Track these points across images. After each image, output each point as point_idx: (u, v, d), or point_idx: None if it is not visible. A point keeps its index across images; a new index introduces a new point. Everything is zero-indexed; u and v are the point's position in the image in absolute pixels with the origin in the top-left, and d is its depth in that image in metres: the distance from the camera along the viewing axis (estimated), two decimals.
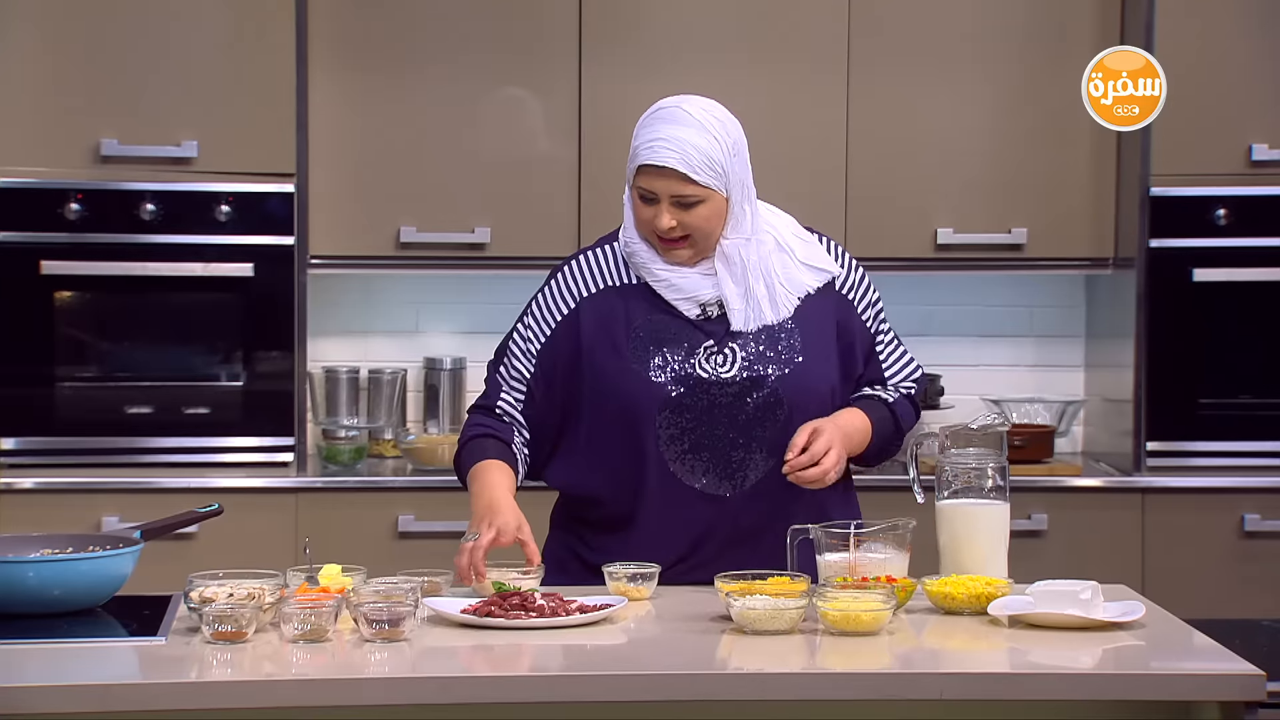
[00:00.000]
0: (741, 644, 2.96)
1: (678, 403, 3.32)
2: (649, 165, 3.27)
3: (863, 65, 5.10)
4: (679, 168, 3.26)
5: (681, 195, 3.27)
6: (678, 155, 3.26)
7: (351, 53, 5.04)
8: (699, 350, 3.34)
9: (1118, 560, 4.90)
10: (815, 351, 3.38)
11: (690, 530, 3.35)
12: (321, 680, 2.76)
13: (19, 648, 2.89)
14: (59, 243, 4.88)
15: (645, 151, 3.28)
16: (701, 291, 3.35)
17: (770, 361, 3.35)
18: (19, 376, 4.88)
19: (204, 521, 3.42)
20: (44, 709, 2.69)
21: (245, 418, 4.93)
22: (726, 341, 3.35)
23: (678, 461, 3.33)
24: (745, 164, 3.36)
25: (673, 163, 3.25)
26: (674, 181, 3.27)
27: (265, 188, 4.93)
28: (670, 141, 3.26)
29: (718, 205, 3.30)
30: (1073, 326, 5.51)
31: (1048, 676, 2.84)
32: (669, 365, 3.33)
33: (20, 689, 2.70)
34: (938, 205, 5.15)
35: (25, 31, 4.84)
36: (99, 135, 4.88)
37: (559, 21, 5.05)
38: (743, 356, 3.34)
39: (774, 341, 3.36)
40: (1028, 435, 5.10)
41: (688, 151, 3.26)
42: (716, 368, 3.34)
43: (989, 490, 3.31)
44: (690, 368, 3.33)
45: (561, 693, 2.77)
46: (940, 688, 2.80)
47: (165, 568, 3.42)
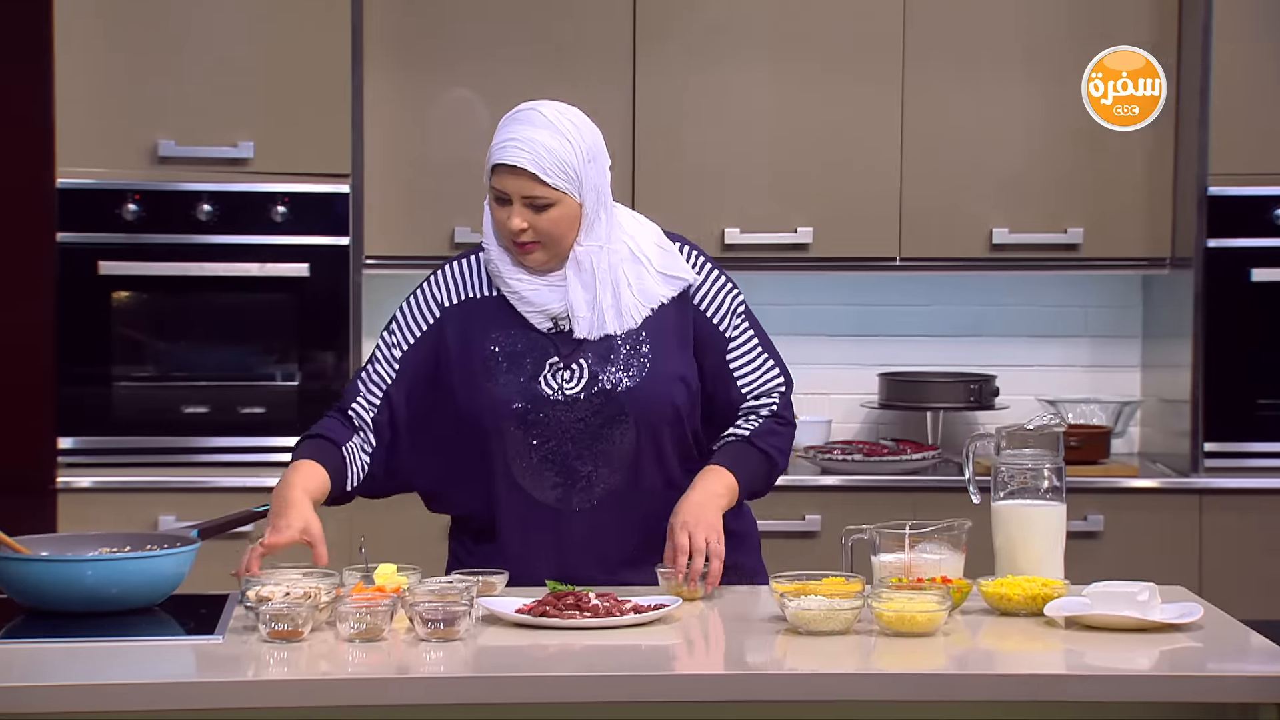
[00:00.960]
0: (796, 645, 2.95)
1: (523, 418, 3.31)
2: (501, 164, 3.27)
3: (917, 64, 5.09)
4: (529, 168, 3.25)
5: (533, 197, 3.26)
6: (529, 155, 3.25)
7: (406, 53, 5.05)
8: (545, 366, 3.32)
9: (1174, 561, 4.88)
10: (665, 363, 3.34)
11: (551, 543, 3.34)
12: (377, 679, 2.77)
13: (77, 646, 2.91)
14: (117, 243, 4.91)
15: (498, 151, 3.28)
16: (551, 304, 3.33)
17: (617, 375, 3.32)
18: (77, 376, 4.91)
19: (259, 521, 3.43)
20: (102, 707, 2.70)
21: (300, 417, 4.95)
22: (575, 356, 3.33)
23: (526, 476, 3.33)
24: (602, 171, 3.33)
25: (523, 163, 3.25)
26: (525, 182, 3.26)
27: (321, 188, 4.95)
28: (523, 142, 3.26)
29: (570, 210, 3.29)
30: (1129, 327, 5.48)
31: (1104, 678, 2.82)
32: (517, 380, 3.32)
33: (78, 687, 2.72)
34: (992, 205, 5.14)
35: (84, 35, 4.88)
36: (156, 136, 4.91)
37: (613, 20, 5.06)
38: (589, 371, 3.32)
39: (622, 355, 3.33)
40: (1083, 436, 5.08)
41: (539, 153, 3.25)
42: (562, 383, 3.32)
43: (1045, 491, 3.29)
44: (537, 383, 3.32)
45: (616, 693, 2.77)
46: (996, 689, 2.79)
47: (221, 567, 3.43)
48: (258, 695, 2.74)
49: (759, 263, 5.15)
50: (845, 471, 5.04)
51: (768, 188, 5.13)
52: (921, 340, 5.46)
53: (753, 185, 5.12)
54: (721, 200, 5.13)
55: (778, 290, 5.43)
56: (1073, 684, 2.82)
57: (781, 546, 4.84)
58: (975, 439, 3.45)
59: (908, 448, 5.16)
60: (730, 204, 5.12)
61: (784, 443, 3.43)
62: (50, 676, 2.76)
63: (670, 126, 5.11)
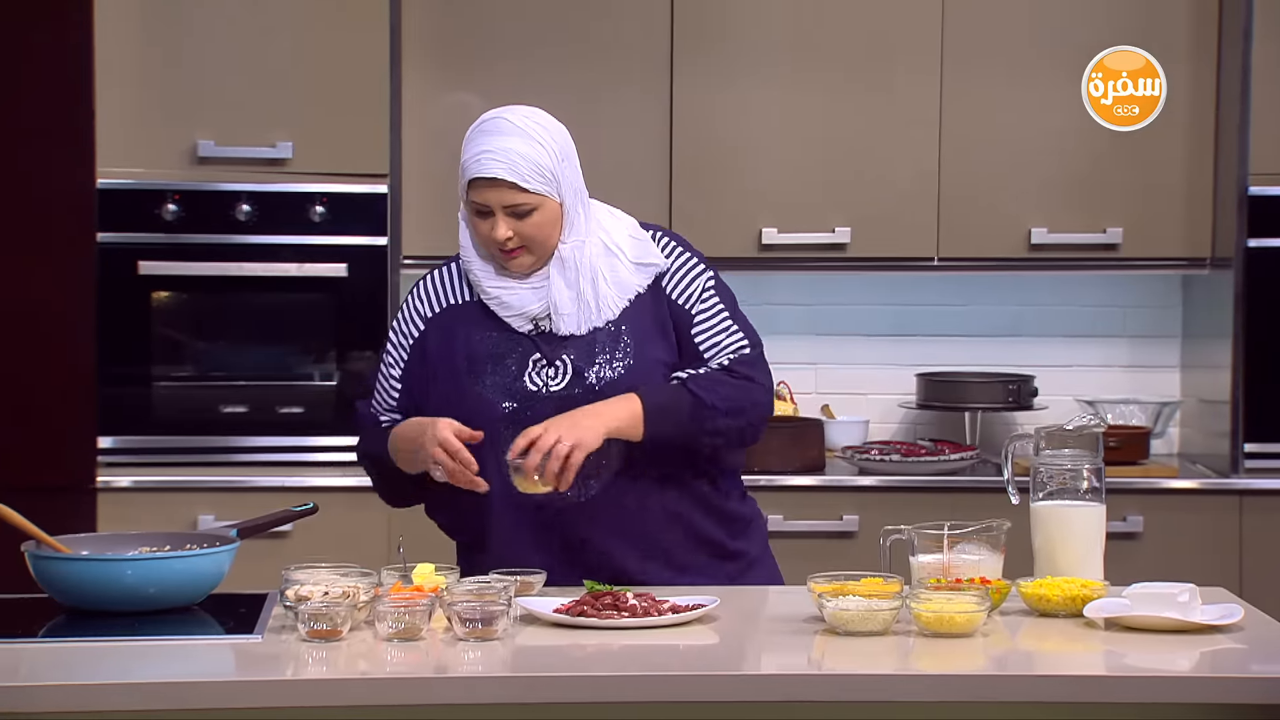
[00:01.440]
0: (834, 645, 2.95)
1: (512, 418, 3.30)
2: (479, 179, 3.26)
3: (955, 65, 5.08)
4: (508, 177, 3.25)
5: (514, 205, 3.26)
6: (505, 165, 3.25)
7: (444, 54, 5.06)
8: (529, 364, 3.32)
9: (1215, 562, 4.86)
10: (644, 354, 3.34)
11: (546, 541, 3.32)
12: (415, 679, 2.78)
13: (117, 645, 2.92)
14: (156, 243, 4.93)
15: (473, 165, 3.27)
16: (530, 306, 3.33)
17: (600, 369, 3.32)
18: (117, 376, 4.93)
19: (299, 520, 3.44)
20: (141, 706, 2.71)
21: (339, 417, 4.96)
22: (558, 353, 3.33)
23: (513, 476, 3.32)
24: (575, 168, 3.35)
25: (501, 173, 3.25)
26: (505, 191, 3.26)
27: (359, 188, 4.96)
28: (497, 153, 3.25)
29: (551, 211, 3.30)
30: (1168, 327, 5.46)
31: (1144, 680, 2.81)
32: (502, 381, 3.32)
33: (118, 686, 2.73)
34: (1031, 205, 5.12)
35: (123, 35, 4.89)
36: (195, 137, 4.93)
37: (652, 26, 5.06)
38: (573, 366, 3.32)
39: (604, 349, 3.33)
40: (1123, 436, 5.06)
41: (515, 161, 3.25)
42: (547, 380, 3.32)
43: (1084, 492, 3.28)
44: (522, 382, 3.32)
45: (653, 693, 2.77)
46: (1035, 690, 2.78)
47: (260, 566, 3.44)
48: (296, 694, 2.75)
49: (796, 263, 5.15)
50: (883, 472, 5.03)
51: (805, 188, 5.13)
52: (959, 340, 5.45)
53: (790, 185, 5.11)
54: (759, 200, 5.12)
55: (815, 290, 5.43)
56: (1113, 685, 2.81)
57: (819, 547, 4.84)
58: (1014, 439, 3.44)
59: (946, 448, 5.15)
60: (768, 204, 5.12)
61: (730, 391, 3.32)
62: (90, 675, 2.77)
63: (708, 126, 5.10)
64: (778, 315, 5.40)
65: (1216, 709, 2.81)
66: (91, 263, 4.89)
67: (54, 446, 4.87)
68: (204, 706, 2.72)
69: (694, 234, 5.05)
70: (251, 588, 3.25)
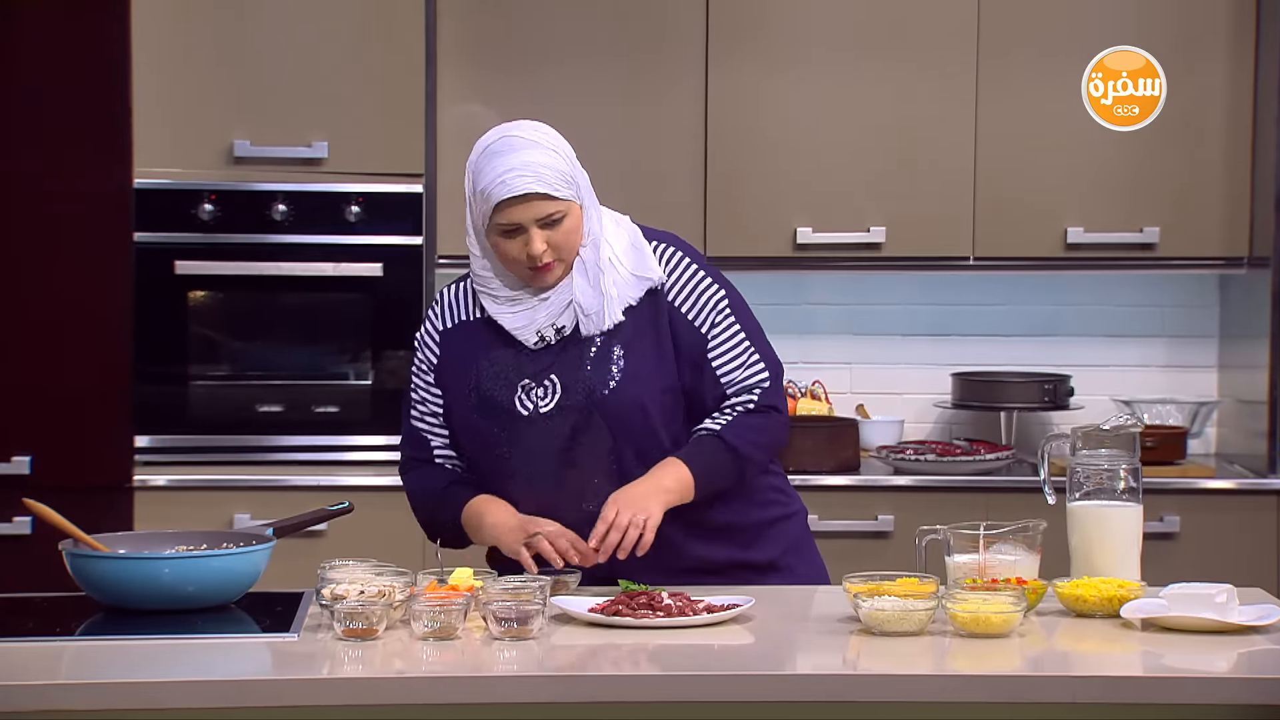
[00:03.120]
0: (870, 645, 2.94)
1: (509, 439, 3.31)
2: (510, 199, 3.23)
3: (992, 62, 5.07)
4: (539, 189, 3.22)
5: (547, 215, 3.24)
6: (534, 178, 3.23)
7: (480, 53, 5.07)
8: (518, 387, 3.32)
9: (1253, 563, 4.84)
10: (636, 367, 3.31)
11: None
12: (451, 678, 2.78)
13: (154, 643, 2.93)
14: (193, 243, 4.94)
15: (500, 187, 3.23)
16: (538, 319, 3.32)
17: (589, 388, 3.30)
18: (154, 375, 4.95)
19: (334, 520, 3.45)
20: (178, 704, 2.72)
21: (374, 416, 4.97)
22: (547, 373, 3.31)
23: (520, 495, 3.32)
24: (581, 168, 3.34)
25: (533, 186, 3.22)
26: (537, 204, 3.24)
27: (394, 188, 4.97)
28: (521, 169, 3.23)
29: (576, 216, 3.28)
30: (1206, 327, 5.44)
31: (1182, 680, 2.80)
32: (497, 404, 3.32)
33: (155, 684, 2.74)
34: (1067, 204, 5.10)
35: (160, 36, 4.91)
36: (231, 137, 4.94)
37: (687, 22, 5.05)
38: (561, 387, 3.30)
39: (593, 366, 3.31)
40: (1160, 436, 5.04)
41: (540, 171, 3.23)
42: (536, 401, 3.31)
43: (1121, 492, 3.27)
44: (513, 404, 3.31)
45: (688, 693, 2.77)
46: (1072, 691, 2.77)
47: (296, 565, 3.45)
48: (332, 693, 2.75)
49: (831, 262, 5.14)
50: (918, 471, 5.02)
51: (840, 187, 5.12)
52: (995, 340, 5.43)
53: (825, 184, 5.11)
54: (794, 199, 5.12)
55: (850, 290, 5.42)
56: (1150, 686, 2.79)
57: (855, 547, 4.83)
58: (1050, 439, 3.43)
59: (981, 448, 5.14)
60: (803, 203, 5.11)
61: (762, 436, 3.34)
62: (127, 673, 2.78)
63: (743, 126, 5.10)
64: (813, 315, 5.40)
65: (1255, 710, 2.80)
66: (128, 262, 4.91)
67: (91, 446, 4.89)
68: (240, 705, 2.73)
69: (729, 233, 5.08)
70: (287, 586, 3.26)
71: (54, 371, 4.88)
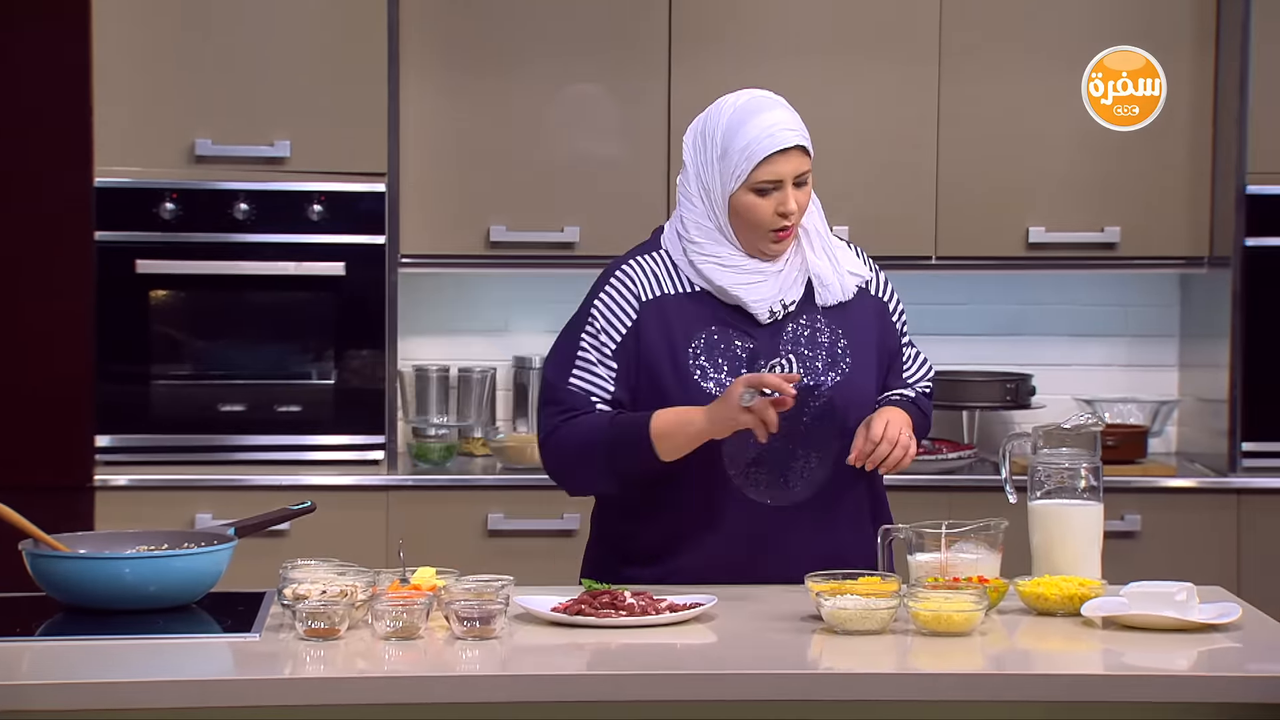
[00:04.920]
0: (832, 644, 2.95)
1: None
2: (776, 152, 3.26)
3: (954, 62, 5.08)
4: (803, 143, 3.30)
5: (803, 173, 3.30)
6: (797, 133, 3.30)
7: (442, 52, 5.06)
8: (755, 362, 3.30)
9: (1213, 561, 4.86)
10: (861, 357, 3.36)
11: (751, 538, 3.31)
12: (413, 677, 2.78)
13: (116, 643, 2.93)
14: (154, 242, 4.92)
15: (767, 141, 3.27)
16: (771, 294, 3.32)
17: (824, 370, 3.33)
18: (115, 374, 4.93)
19: (297, 519, 3.44)
20: (139, 704, 2.71)
21: (337, 416, 4.96)
22: (783, 354, 3.32)
23: (741, 475, 3.30)
24: None
25: (798, 140, 3.29)
26: (797, 159, 3.29)
27: (357, 187, 4.96)
28: (784, 123, 3.29)
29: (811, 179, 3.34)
30: (1167, 326, 5.46)
31: (1142, 678, 2.81)
32: (722, 379, 3.29)
33: (116, 684, 2.73)
34: (1030, 204, 5.12)
35: (121, 34, 4.89)
36: (193, 135, 4.92)
37: (650, 22, 5.06)
38: (798, 367, 3.32)
39: (824, 349, 3.34)
40: (1121, 435, 5.06)
41: (800, 128, 3.31)
42: None
43: (1082, 490, 3.28)
44: None
45: (651, 692, 2.77)
46: (1033, 689, 2.78)
47: (258, 564, 3.44)
48: (294, 693, 2.75)
49: None
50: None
51: None
52: (958, 339, 5.44)
53: None
54: None
55: None
56: (1111, 684, 2.81)
57: None
58: (1012, 438, 3.44)
59: (944, 447, 5.15)
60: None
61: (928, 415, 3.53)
62: (88, 673, 2.77)
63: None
64: None
65: (1214, 708, 2.81)
66: (89, 261, 4.89)
67: (52, 445, 4.87)
68: (202, 705, 2.72)
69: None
70: (249, 586, 3.26)
71: (15, 371, 4.86)
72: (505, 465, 5.09)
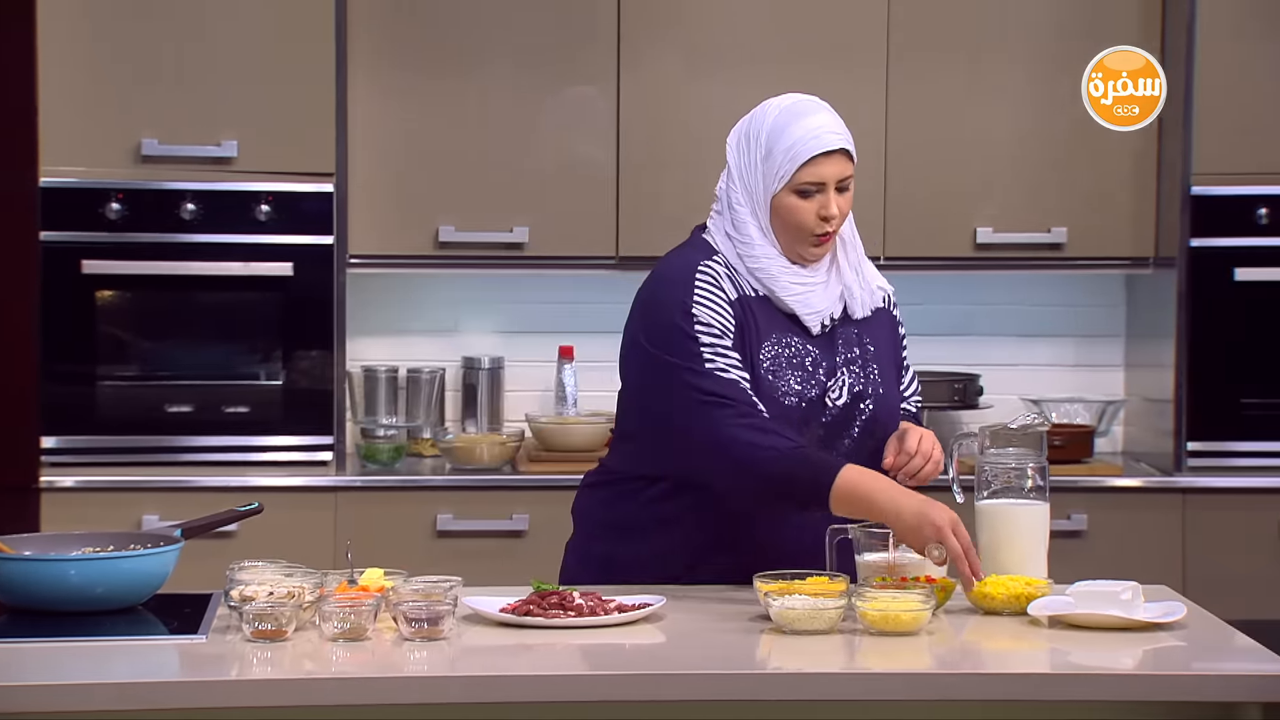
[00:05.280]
0: (780, 644, 2.96)
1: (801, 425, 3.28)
2: (820, 154, 3.27)
3: (902, 64, 5.09)
4: (847, 146, 3.31)
5: (846, 177, 3.31)
6: (842, 136, 3.31)
7: (391, 52, 5.05)
8: (818, 372, 3.32)
9: (1158, 561, 4.88)
10: (889, 372, 3.42)
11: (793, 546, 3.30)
12: (361, 679, 2.77)
13: (61, 645, 2.91)
14: (100, 242, 4.90)
15: (812, 142, 3.28)
16: (825, 304, 3.34)
17: (867, 384, 3.36)
18: (61, 375, 4.90)
19: (244, 520, 3.43)
20: (86, 707, 2.70)
21: (285, 417, 4.95)
22: (839, 366, 3.34)
23: None
24: None
25: (844, 144, 3.30)
26: (842, 163, 3.30)
27: (305, 187, 4.94)
28: (831, 126, 3.30)
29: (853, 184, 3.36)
30: (1113, 326, 5.49)
31: (1088, 677, 2.83)
32: (794, 388, 3.30)
33: (63, 686, 2.71)
34: (977, 204, 5.14)
35: (67, 33, 4.86)
36: (139, 135, 4.90)
37: (599, 23, 5.06)
38: (849, 380, 3.34)
39: (867, 363, 3.37)
40: (1068, 435, 5.08)
41: (845, 132, 3.32)
42: (831, 391, 3.32)
43: (1029, 490, 3.30)
44: (813, 390, 3.30)
45: (600, 692, 2.77)
46: (980, 689, 2.79)
47: (205, 566, 3.42)
48: (241, 695, 2.74)
49: None
50: None
51: None
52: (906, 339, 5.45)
53: None
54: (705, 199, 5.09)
55: None
56: (1057, 683, 2.82)
57: None
58: (959, 438, 3.45)
59: None
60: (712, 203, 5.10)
61: None
62: (33, 676, 2.76)
63: (654, 127, 5.10)
64: None
65: (1159, 706, 2.83)
66: (34, 262, 4.86)
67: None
68: (148, 707, 2.71)
69: (643, 232, 5.07)
70: (196, 588, 3.24)
71: None
72: (454, 466, 5.08)
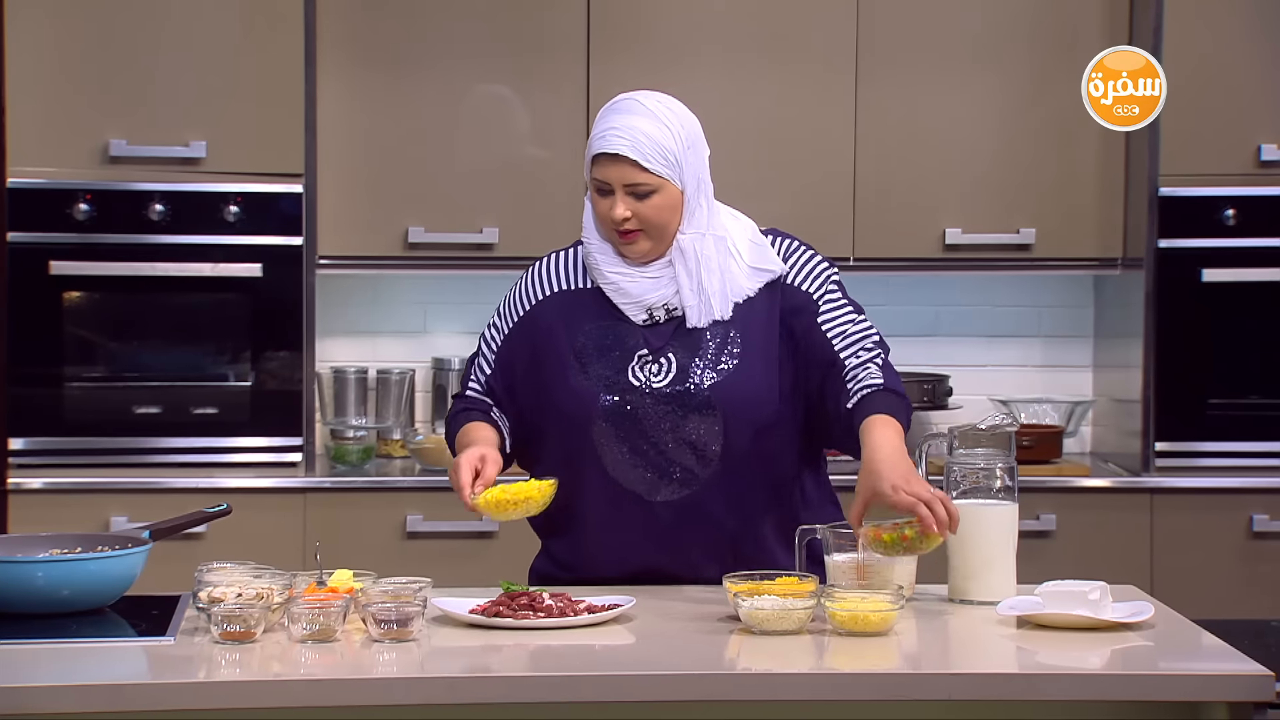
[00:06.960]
0: (750, 644, 2.96)
1: (612, 410, 3.31)
2: (602, 154, 3.29)
3: (870, 65, 5.10)
4: (630, 154, 3.27)
5: (635, 184, 3.28)
6: (628, 143, 3.27)
7: (360, 53, 5.04)
8: (634, 357, 3.33)
9: (1126, 561, 4.90)
10: (755, 356, 3.34)
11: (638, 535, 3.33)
12: (330, 680, 2.77)
13: (28, 648, 2.90)
14: (68, 243, 4.88)
15: (598, 141, 3.30)
16: (648, 296, 3.34)
17: (704, 369, 3.32)
18: (28, 377, 4.89)
19: (213, 521, 3.42)
20: (53, 709, 2.69)
21: (254, 418, 4.94)
22: (664, 350, 3.33)
23: (617, 469, 3.32)
24: (701, 159, 3.37)
25: (624, 150, 3.27)
26: (627, 169, 3.28)
27: (274, 188, 4.93)
28: (622, 130, 3.28)
29: (672, 196, 3.31)
30: (1081, 327, 5.51)
31: (1056, 677, 2.84)
32: (604, 373, 3.32)
33: (30, 689, 2.70)
34: (945, 205, 5.15)
35: (34, 32, 4.85)
36: (107, 136, 4.89)
37: (568, 23, 5.06)
38: (677, 365, 3.33)
39: (710, 349, 3.34)
40: (1036, 436, 5.10)
41: (639, 139, 3.28)
42: (650, 376, 3.32)
43: (997, 491, 3.30)
44: (624, 375, 3.32)
45: (569, 693, 2.77)
46: (949, 688, 2.79)
47: (174, 568, 3.42)
48: (209, 696, 2.73)
49: None
50: None
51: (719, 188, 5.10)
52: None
53: None
54: None
55: None
56: (1025, 683, 2.83)
57: None
58: (928, 439, 3.46)
59: None
60: None
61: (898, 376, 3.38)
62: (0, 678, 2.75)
63: None
64: None
65: (1127, 706, 2.84)
66: (2, 263, 4.84)
67: None
68: (116, 709, 2.70)
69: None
70: (164, 590, 3.23)
71: None
72: (424, 467, 5.08)
